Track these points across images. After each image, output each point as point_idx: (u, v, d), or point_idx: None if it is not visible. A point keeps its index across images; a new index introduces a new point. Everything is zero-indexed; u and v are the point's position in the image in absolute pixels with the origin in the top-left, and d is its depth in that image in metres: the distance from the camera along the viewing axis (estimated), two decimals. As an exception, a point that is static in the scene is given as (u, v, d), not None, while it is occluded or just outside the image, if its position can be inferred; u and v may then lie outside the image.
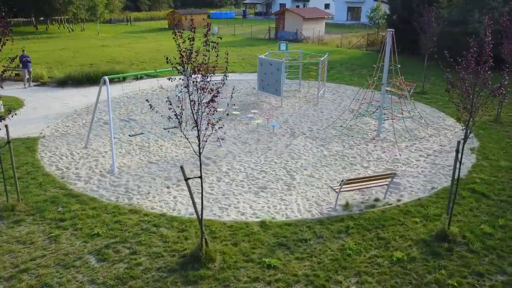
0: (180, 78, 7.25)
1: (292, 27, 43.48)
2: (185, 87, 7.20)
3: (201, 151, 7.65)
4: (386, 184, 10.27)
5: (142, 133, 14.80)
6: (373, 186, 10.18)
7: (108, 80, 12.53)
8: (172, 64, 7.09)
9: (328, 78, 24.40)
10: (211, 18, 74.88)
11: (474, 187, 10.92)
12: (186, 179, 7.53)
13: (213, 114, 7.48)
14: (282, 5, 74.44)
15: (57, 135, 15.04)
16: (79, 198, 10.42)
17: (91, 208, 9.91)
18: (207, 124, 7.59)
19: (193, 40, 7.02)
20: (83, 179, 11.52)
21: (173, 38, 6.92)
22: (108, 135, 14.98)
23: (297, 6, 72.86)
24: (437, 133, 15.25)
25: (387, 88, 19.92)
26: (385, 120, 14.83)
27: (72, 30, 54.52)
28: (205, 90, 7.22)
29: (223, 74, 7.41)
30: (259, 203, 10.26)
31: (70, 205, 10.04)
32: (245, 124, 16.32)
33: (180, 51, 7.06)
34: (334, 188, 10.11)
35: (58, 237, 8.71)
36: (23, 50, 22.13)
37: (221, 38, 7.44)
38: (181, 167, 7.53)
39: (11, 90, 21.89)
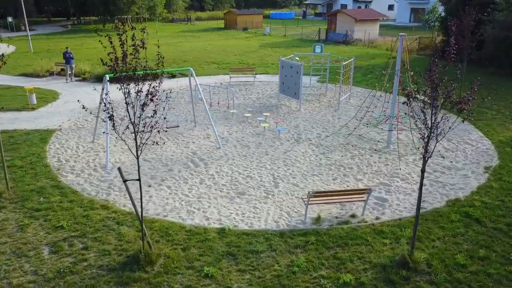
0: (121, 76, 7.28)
1: (344, 28, 42.21)
2: (119, 89, 7.22)
3: (139, 153, 7.62)
4: (363, 200, 9.56)
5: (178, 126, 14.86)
6: (344, 202, 9.55)
7: (108, 78, 13.00)
8: (107, 65, 7.16)
9: (362, 83, 23.40)
10: (271, 18, 75.14)
11: (469, 211, 9.81)
12: (124, 181, 7.56)
13: (153, 116, 7.47)
14: (343, 6, 72.69)
15: (74, 128, 15.92)
16: (63, 190, 10.93)
17: (68, 201, 10.35)
18: (143, 126, 7.55)
19: (126, 42, 7.01)
20: (76, 172, 12.07)
21: (99, 41, 6.95)
22: (120, 130, 15.57)
23: (359, 7, 70.67)
24: (455, 147, 13.94)
25: (418, 97, 18.66)
26: (389, 130, 13.83)
27: (134, 29, 57.42)
28: (140, 93, 7.19)
29: (253, 75, 7.21)
30: (229, 209, 10.06)
31: (52, 196, 10.56)
32: (255, 127, 16.11)
33: (110, 53, 7.10)
34: (303, 199, 9.62)
35: (27, 226, 9.20)
36: (66, 48, 23.73)
37: (143, 42, 7.32)
38: (119, 169, 7.57)
39: (55, 83, 23.60)
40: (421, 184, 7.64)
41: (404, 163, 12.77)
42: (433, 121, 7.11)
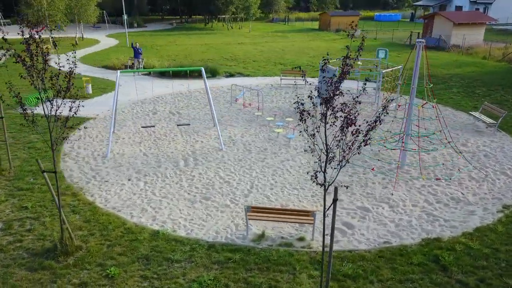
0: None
1: (440, 32, 38.26)
2: (31, 84, 7.49)
3: (53, 147, 7.85)
4: (309, 223, 8.55)
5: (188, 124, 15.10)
6: (285, 222, 8.64)
7: (119, 73, 13.71)
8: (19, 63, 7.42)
9: (421, 94, 20.93)
10: (375, 20, 71.61)
11: (441, 255, 8.13)
12: (42, 172, 7.88)
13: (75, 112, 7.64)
14: (458, 8, 65.94)
15: (107, 118, 17.13)
16: (54, 174, 11.81)
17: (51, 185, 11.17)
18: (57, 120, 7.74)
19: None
20: (77, 158, 12.98)
21: (2, 37, 7.25)
22: (142, 124, 16.34)
23: (477, 9, 63.44)
24: (484, 177, 11.67)
25: (475, 114, 16.19)
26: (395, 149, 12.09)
27: (232, 28, 59.75)
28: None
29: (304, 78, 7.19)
30: (181, 213, 9.87)
31: (41, 179, 11.51)
32: (272, 131, 15.53)
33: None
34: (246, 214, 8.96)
35: (0, 203, 10.18)
36: (136, 43, 25.63)
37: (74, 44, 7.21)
38: (37, 160, 7.90)
39: (122, 76, 25.63)
40: (334, 216, 6.54)
41: (407, 187, 11.12)
42: (327, 142, 6.04)
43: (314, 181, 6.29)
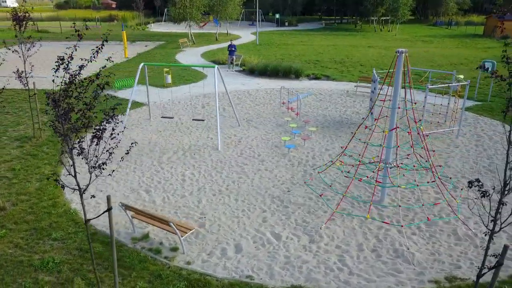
0: None
1: None
2: None
3: None
4: (172, 232, 8.03)
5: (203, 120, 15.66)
6: (157, 227, 8.25)
7: (141, 66, 14.90)
8: None
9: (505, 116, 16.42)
10: None
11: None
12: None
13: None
14: None
15: (153, 107, 18.70)
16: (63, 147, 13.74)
17: (52, 155, 13.09)
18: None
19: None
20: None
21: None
22: (175, 116, 17.37)
23: None
24: (474, 235, 8.77)
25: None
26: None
27: (381, 30, 56.45)
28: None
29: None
30: (113, 201, 10.39)
31: (52, 149, 13.55)
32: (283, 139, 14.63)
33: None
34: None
35: (5, 162, 12.45)
36: (231, 41, 26.93)
37: None
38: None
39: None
40: (111, 228, 6.14)
41: (358, 225, 9.22)
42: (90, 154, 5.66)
43: (57, 185, 6.02)
